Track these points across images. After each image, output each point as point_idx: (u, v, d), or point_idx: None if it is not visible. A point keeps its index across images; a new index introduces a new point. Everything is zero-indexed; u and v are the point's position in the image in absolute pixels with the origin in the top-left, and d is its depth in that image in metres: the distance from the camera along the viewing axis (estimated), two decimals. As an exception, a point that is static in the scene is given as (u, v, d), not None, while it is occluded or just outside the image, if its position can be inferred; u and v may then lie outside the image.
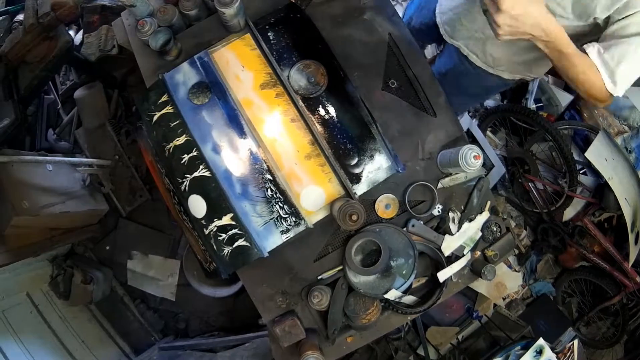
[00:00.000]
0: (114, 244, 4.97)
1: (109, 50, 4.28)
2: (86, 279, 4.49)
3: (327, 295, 2.35)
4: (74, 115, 4.92)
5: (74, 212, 4.21)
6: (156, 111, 2.32)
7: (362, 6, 2.49)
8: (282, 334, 2.34)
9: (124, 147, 4.73)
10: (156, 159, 2.43)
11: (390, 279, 2.34)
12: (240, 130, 2.24)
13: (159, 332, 5.02)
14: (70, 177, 4.36)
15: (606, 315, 4.81)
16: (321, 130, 2.25)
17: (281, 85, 2.28)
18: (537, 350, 3.53)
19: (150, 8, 2.45)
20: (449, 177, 2.45)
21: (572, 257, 4.76)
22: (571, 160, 4.16)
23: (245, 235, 2.20)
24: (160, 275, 4.88)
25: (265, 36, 2.36)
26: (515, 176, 4.64)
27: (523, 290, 4.81)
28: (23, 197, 3.65)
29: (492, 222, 2.52)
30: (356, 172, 2.25)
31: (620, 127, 4.41)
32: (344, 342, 2.52)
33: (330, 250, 2.45)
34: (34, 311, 4.26)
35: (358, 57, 2.46)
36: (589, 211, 4.49)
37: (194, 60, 2.33)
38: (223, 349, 4.36)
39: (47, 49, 3.31)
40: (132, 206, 4.86)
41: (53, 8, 3.08)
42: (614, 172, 4.06)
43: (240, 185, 2.22)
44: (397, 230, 2.37)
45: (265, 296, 2.48)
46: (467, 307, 4.62)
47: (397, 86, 2.45)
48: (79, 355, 4.36)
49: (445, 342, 4.51)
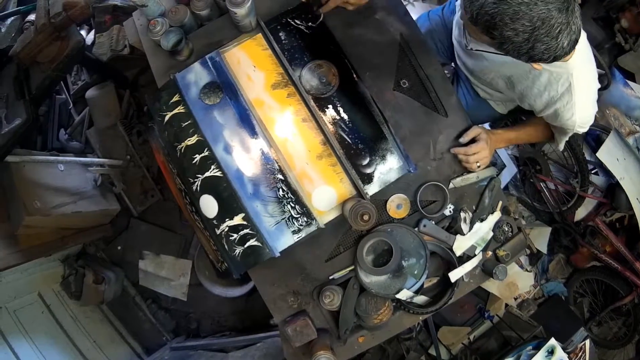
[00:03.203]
0: (125, 244, 4.98)
1: (121, 50, 4.29)
2: (98, 279, 4.49)
3: (338, 295, 2.35)
4: (86, 115, 4.92)
5: (85, 212, 4.22)
6: (168, 111, 2.32)
7: (374, 6, 2.48)
8: (294, 334, 2.34)
9: (135, 147, 4.73)
10: (168, 159, 2.43)
11: (401, 279, 2.34)
12: (251, 130, 2.25)
13: (171, 332, 5.01)
14: (81, 177, 4.37)
15: (618, 315, 4.78)
16: (332, 130, 2.25)
17: (293, 85, 2.29)
18: (548, 350, 3.52)
19: (161, 8, 2.45)
20: (461, 177, 2.45)
21: (583, 257, 4.74)
22: (583, 160, 4.14)
23: (257, 235, 2.20)
24: (172, 275, 4.88)
25: (276, 36, 2.37)
26: (526, 176, 4.63)
27: (535, 290, 4.79)
28: (35, 197, 3.66)
29: (504, 222, 2.52)
30: (368, 172, 2.25)
31: (632, 127, 4.38)
32: (355, 342, 2.52)
33: (341, 250, 2.45)
34: (45, 311, 4.27)
35: (369, 57, 2.46)
36: (600, 211, 4.47)
37: (205, 60, 2.34)
38: (234, 349, 4.35)
39: (59, 49, 3.31)
40: (143, 206, 4.86)
41: (65, 8, 3.09)
42: (625, 172, 4.05)
43: (251, 185, 2.22)
44: (409, 231, 2.36)
45: (277, 296, 2.48)
46: (478, 307, 4.60)
47: (408, 86, 2.45)
48: (90, 355, 4.37)
49: (456, 342, 4.49)
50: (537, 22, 1.62)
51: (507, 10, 1.63)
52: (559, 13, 1.62)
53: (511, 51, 1.80)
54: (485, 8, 1.67)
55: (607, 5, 4.51)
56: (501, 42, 1.76)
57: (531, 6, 1.60)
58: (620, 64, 4.55)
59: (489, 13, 1.67)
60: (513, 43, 1.72)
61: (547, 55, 1.73)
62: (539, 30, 1.64)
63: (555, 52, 1.71)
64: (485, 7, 1.67)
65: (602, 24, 4.63)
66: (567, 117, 2.22)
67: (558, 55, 1.74)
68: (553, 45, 1.68)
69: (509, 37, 1.70)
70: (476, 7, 1.70)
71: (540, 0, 1.60)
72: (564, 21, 1.64)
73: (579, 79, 2.07)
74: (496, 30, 1.71)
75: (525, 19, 1.62)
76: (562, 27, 1.64)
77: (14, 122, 3.24)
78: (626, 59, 4.53)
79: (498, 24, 1.68)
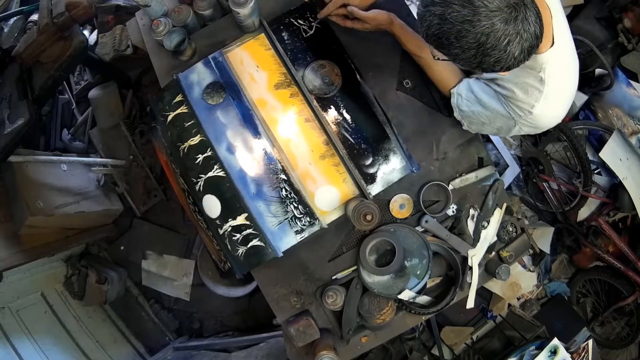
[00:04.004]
0: (128, 244, 4.98)
1: (124, 50, 4.29)
2: (101, 279, 4.50)
3: (341, 295, 2.35)
4: (89, 115, 4.93)
5: (88, 212, 4.22)
6: (170, 111, 2.33)
7: (377, 6, 2.48)
8: (297, 334, 2.35)
9: (138, 147, 4.74)
10: (171, 159, 2.44)
11: (404, 279, 2.34)
12: (254, 130, 2.25)
13: (174, 332, 5.02)
14: (84, 177, 4.37)
15: (621, 315, 4.78)
16: (335, 130, 2.25)
17: (295, 85, 2.29)
18: (551, 350, 3.52)
19: (164, 8, 2.45)
20: (460, 178, 2.45)
21: (586, 257, 4.73)
22: (586, 160, 4.14)
23: (260, 235, 2.20)
24: (175, 275, 4.89)
25: (279, 36, 2.37)
26: (529, 176, 4.62)
27: (537, 290, 4.79)
28: (38, 197, 3.67)
29: (508, 223, 2.52)
30: (371, 172, 2.25)
31: (635, 127, 4.38)
32: (358, 342, 2.52)
33: (344, 250, 2.45)
34: (48, 311, 4.28)
35: (372, 57, 2.45)
36: (603, 211, 4.47)
37: (208, 60, 2.34)
38: (237, 349, 4.36)
39: (62, 49, 3.32)
40: (146, 206, 4.87)
41: (67, 8, 3.09)
42: (628, 172, 4.05)
43: (254, 185, 2.22)
44: (412, 231, 2.36)
45: (280, 296, 2.48)
46: (481, 307, 4.60)
47: (411, 86, 2.45)
48: (93, 355, 4.37)
49: (459, 342, 4.50)
50: (481, 38, 1.61)
51: (451, 29, 1.63)
52: (506, 24, 1.60)
53: (464, 65, 1.80)
54: (431, 29, 1.68)
55: (610, 5, 4.51)
56: (453, 58, 1.76)
57: (474, 23, 1.59)
58: (623, 64, 4.54)
59: (435, 34, 1.68)
60: (463, 59, 1.72)
61: (499, 66, 1.72)
62: (485, 45, 1.63)
63: (506, 62, 1.70)
64: (431, 27, 1.68)
65: (605, 23, 4.62)
66: (525, 100, 2.15)
67: (511, 65, 1.72)
68: (503, 57, 1.67)
69: (457, 54, 1.70)
70: (424, 28, 1.71)
71: (483, 16, 1.58)
72: (512, 32, 1.62)
73: (553, 75, 2.04)
74: (444, 48, 1.72)
75: (470, 36, 1.62)
76: (510, 37, 1.63)
77: (16, 122, 3.24)
78: (629, 58, 4.53)
79: (444, 43, 1.69)
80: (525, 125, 2.10)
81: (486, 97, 2.16)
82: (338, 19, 2.37)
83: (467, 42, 1.63)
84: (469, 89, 2.24)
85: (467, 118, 2.30)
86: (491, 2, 1.57)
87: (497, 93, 2.12)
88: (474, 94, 2.21)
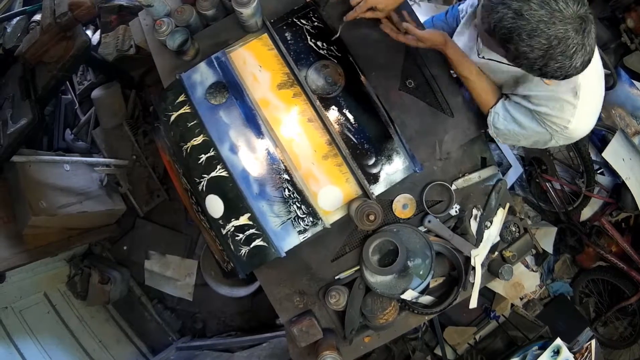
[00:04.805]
0: (131, 244, 4.99)
1: (127, 50, 4.29)
2: (103, 279, 4.50)
3: (344, 295, 2.36)
4: (92, 115, 4.94)
5: (91, 212, 4.22)
6: (173, 111, 2.33)
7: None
8: (300, 334, 2.35)
9: (141, 147, 4.75)
10: (174, 159, 2.44)
11: (407, 279, 2.34)
12: (257, 130, 2.25)
13: (177, 332, 5.03)
14: (87, 177, 4.38)
15: (624, 315, 4.77)
16: (338, 130, 2.25)
17: (298, 85, 2.29)
18: (554, 350, 3.52)
19: (167, 8, 2.46)
20: (462, 178, 2.45)
21: (589, 257, 4.73)
22: (588, 160, 4.14)
23: (263, 235, 2.20)
24: (178, 275, 4.89)
25: (282, 36, 2.37)
26: (532, 176, 4.62)
27: (540, 290, 4.78)
28: (41, 197, 3.67)
29: (511, 223, 2.52)
30: (374, 172, 2.25)
31: (638, 127, 4.37)
32: (361, 342, 2.53)
33: (347, 250, 2.45)
34: (51, 311, 4.28)
35: (375, 57, 2.45)
36: (606, 211, 4.46)
37: (211, 60, 2.34)
38: (240, 349, 4.35)
39: (65, 49, 3.31)
40: (149, 206, 4.87)
41: (70, 8, 3.09)
42: (631, 172, 4.04)
43: (257, 185, 2.22)
44: (415, 231, 2.36)
45: (283, 296, 2.48)
46: (484, 307, 4.60)
47: (414, 86, 2.44)
48: (96, 355, 4.38)
49: (462, 342, 4.49)
50: (553, 41, 1.63)
51: (526, 26, 1.64)
52: (576, 34, 1.63)
53: (524, 66, 1.80)
54: (503, 22, 1.68)
55: (613, 5, 4.50)
56: (515, 56, 1.77)
57: (549, 25, 1.61)
58: (626, 64, 4.53)
59: (506, 27, 1.69)
60: (527, 59, 1.73)
61: (559, 73, 1.74)
62: (555, 49, 1.65)
63: (567, 70, 1.72)
64: (504, 20, 1.68)
65: (607, 23, 4.62)
66: (560, 116, 2.18)
67: (570, 74, 1.74)
68: (567, 65, 1.69)
69: (524, 52, 1.71)
70: (495, 19, 1.71)
71: (559, 20, 1.61)
72: (580, 42, 1.65)
73: (586, 87, 2.05)
74: (512, 44, 1.72)
75: (543, 36, 1.63)
76: (578, 47, 1.65)
77: (19, 122, 3.25)
78: (632, 58, 4.52)
79: (514, 39, 1.69)
80: (561, 139, 2.16)
81: (521, 116, 2.21)
82: (392, 33, 2.36)
83: (538, 42, 1.66)
84: (504, 109, 2.28)
85: (503, 135, 2.35)
86: (566, 9, 1.60)
87: (532, 112, 2.16)
88: (510, 113, 2.25)
